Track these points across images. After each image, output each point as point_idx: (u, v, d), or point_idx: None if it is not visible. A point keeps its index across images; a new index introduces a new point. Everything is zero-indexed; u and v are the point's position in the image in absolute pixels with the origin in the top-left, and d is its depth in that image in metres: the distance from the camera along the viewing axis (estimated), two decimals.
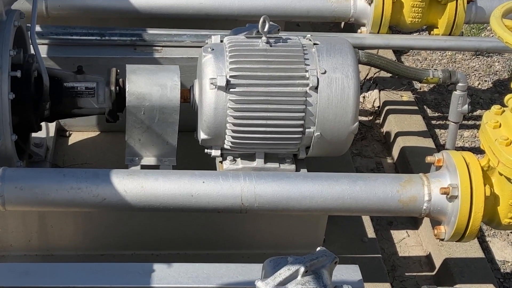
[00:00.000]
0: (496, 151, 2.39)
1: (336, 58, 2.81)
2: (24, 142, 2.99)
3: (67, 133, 3.58)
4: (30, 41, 2.93)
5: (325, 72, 2.77)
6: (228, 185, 2.59)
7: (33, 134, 3.15)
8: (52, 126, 3.40)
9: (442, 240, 2.65)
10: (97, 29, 3.47)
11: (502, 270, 3.27)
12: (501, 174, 2.45)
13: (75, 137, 3.56)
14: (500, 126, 2.42)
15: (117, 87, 2.97)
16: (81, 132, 3.58)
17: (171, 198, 2.58)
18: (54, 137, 3.41)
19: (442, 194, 2.56)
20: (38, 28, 3.32)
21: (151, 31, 3.49)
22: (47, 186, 2.54)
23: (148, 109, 2.91)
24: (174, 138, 2.97)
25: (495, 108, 2.46)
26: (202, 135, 2.85)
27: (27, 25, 2.99)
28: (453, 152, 2.62)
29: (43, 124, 3.11)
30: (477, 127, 3.96)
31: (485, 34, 4.47)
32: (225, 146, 2.88)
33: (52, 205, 2.56)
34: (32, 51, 2.94)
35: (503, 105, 2.46)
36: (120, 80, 3.00)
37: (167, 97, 2.91)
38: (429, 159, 2.66)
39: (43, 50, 3.30)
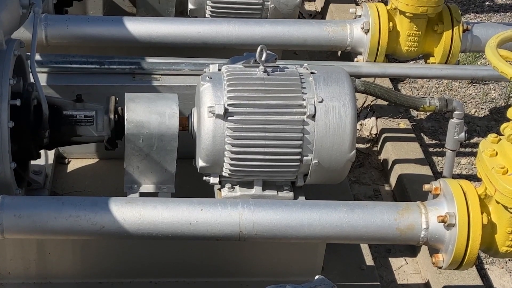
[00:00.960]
0: (493, 179, 2.40)
1: (333, 87, 2.84)
2: (23, 170, 3.00)
3: (66, 160, 3.59)
4: (30, 70, 2.96)
5: (322, 101, 2.80)
6: (226, 213, 2.60)
7: (32, 162, 3.16)
8: (51, 153, 3.41)
9: (440, 268, 2.65)
10: (96, 58, 3.50)
11: None
12: (498, 203, 2.46)
13: (74, 164, 3.57)
14: (496, 154, 2.44)
15: (116, 115, 2.99)
16: (80, 159, 3.60)
17: (170, 226, 2.58)
18: (53, 164, 3.42)
19: (439, 222, 2.57)
20: (37, 57, 3.35)
21: (149, 59, 3.52)
22: (45, 214, 2.55)
23: (147, 137, 2.92)
24: (172, 165, 2.99)
25: (492, 136, 2.48)
26: (200, 163, 2.86)
27: (27, 54, 3.02)
28: (450, 180, 2.64)
29: (42, 151, 3.12)
30: (474, 154, 3.98)
31: (481, 62, 4.51)
32: (223, 174, 2.89)
33: (51, 233, 2.56)
34: (32, 80, 2.96)
35: (499, 133, 2.48)
36: (119, 108, 3.02)
37: (166, 125, 2.93)
38: (426, 187, 2.68)
39: (42, 79, 3.33)
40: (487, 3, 5.22)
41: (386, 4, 3.71)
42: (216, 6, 3.92)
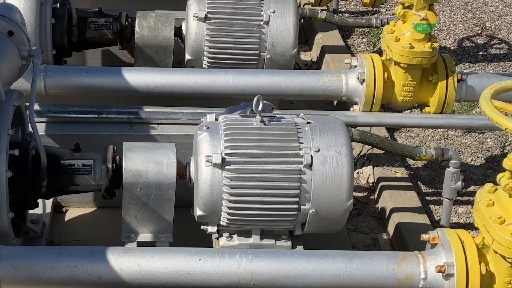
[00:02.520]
0: (490, 229, 2.41)
1: (329, 136, 2.86)
2: (21, 219, 3.00)
3: (64, 209, 3.59)
4: (29, 120, 2.98)
5: (319, 150, 2.82)
6: (224, 262, 2.60)
7: (30, 211, 3.16)
8: (49, 202, 3.40)
9: None
10: (94, 107, 3.53)
11: None
12: (496, 252, 2.46)
13: (71, 213, 3.57)
14: (493, 204, 2.45)
15: (114, 164, 3.00)
16: (78, 208, 3.60)
17: (168, 277, 2.57)
18: (51, 214, 3.42)
19: (438, 272, 2.56)
20: (36, 107, 3.38)
21: (147, 109, 3.55)
22: (43, 264, 2.54)
23: (145, 186, 2.93)
24: (170, 214, 2.99)
25: (488, 186, 2.49)
26: (198, 212, 2.87)
27: (26, 103, 3.04)
28: (447, 230, 2.64)
29: (40, 200, 3.12)
30: (471, 203, 3.99)
31: (476, 111, 4.55)
32: (221, 223, 2.89)
33: (48, 283, 2.55)
34: (31, 130, 2.98)
35: (495, 183, 2.50)
36: (117, 157, 3.03)
37: (163, 174, 2.94)
38: (424, 237, 2.68)
39: (41, 128, 3.35)
40: (481, 53, 5.29)
41: (380, 54, 3.77)
42: (213, 57, 3.97)
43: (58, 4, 3.91)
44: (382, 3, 5.00)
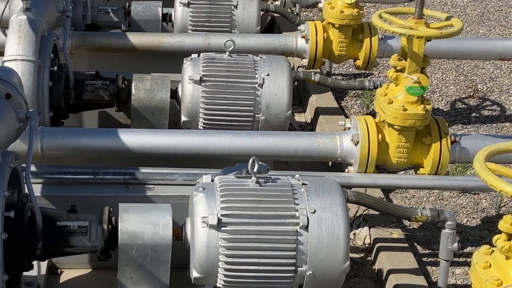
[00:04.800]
0: None
1: (325, 198, 2.87)
2: (16, 281, 2.97)
3: (59, 270, 3.56)
4: (25, 181, 2.98)
5: (314, 212, 2.82)
6: None
7: (25, 273, 3.13)
8: (44, 264, 3.37)
9: None
10: (90, 168, 3.54)
11: None
12: None
13: (67, 275, 3.53)
14: (490, 266, 2.44)
15: (110, 226, 3.00)
16: (73, 269, 3.56)
17: None
18: (46, 275, 3.39)
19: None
20: (33, 168, 3.38)
21: (143, 169, 3.56)
22: None
23: (141, 247, 2.93)
24: (166, 276, 2.97)
25: (484, 248, 2.49)
26: (194, 273, 2.85)
27: (23, 165, 3.05)
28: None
29: (34, 262, 3.10)
30: (468, 264, 3.97)
31: (470, 172, 4.57)
32: (218, 285, 2.87)
33: None
34: (27, 191, 2.98)
35: (492, 244, 2.49)
36: (113, 218, 3.04)
37: (159, 235, 2.94)
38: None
39: (37, 189, 3.35)
40: (474, 114, 5.36)
41: (374, 116, 3.81)
42: (209, 118, 4.01)
43: (55, 67, 3.96)
44: (375, 66, 5.07)
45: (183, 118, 4.03)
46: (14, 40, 3.73)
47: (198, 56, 4.14)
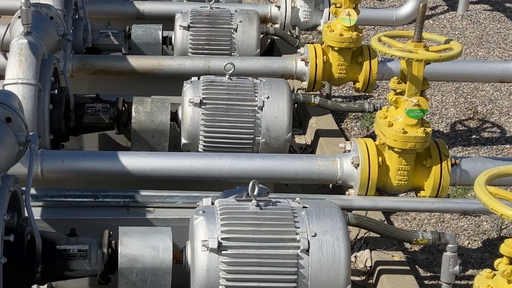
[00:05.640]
0: None
1: (326, 221, 2.87)
2: None
3: None
4: (25, 205, 2.98)
5: (315, 235, 2.82)
6: None
7: None
8: None
9: None
10: (90, 191, 3.54)
11: None
12: None
13: None
14: None
15: (110, 249, 2.99)
16: None
17: None
18: None
19: None
20: (33, 191, 3.38)
21: (143, 192, 3.56)
22: None
23: (140, 271, 2.91)
24: None
25: (486, 272, 2.48)
26: None
27: (22, 188, 3.05)
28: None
29: (34, 285, 3.08)
30: (469, 287, 3.95)
31: (471, 194, 4.56)
32: None
33: None
34: (26, 214, 2.97)
35: (493, 268, 2.48)
36: (113, 242, 3.03)
37: (159, 259, 2.93)
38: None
39: (37, 212, 3.35)
40: (474, 136, 5.36)
41: (374, 138, 3.81)
42: (209, 141, 4.01)
43: (56, 90, 3.97)
44: (374, 88, 5.09)
45: (183, 141, 4.04)
46: (14, 64, 3.75)
47: (198, 79, 4.15)
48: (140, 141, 4.11)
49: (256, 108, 4.02)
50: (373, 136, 4.00)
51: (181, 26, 5.05)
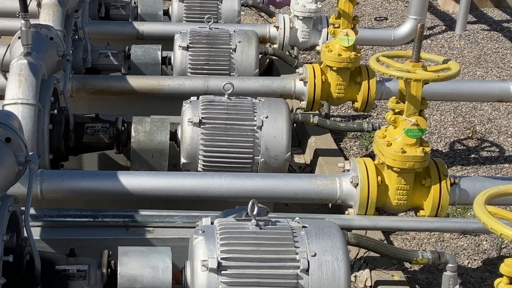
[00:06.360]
0: None
1: (325, 241, 2.86)
2: None
3: None
4: (24, 225, 2.98)
5: (315, 255, 2.81)
6: None
7: None
8: None
9: None
10: (90, 211, 3.54)
11: None
12: None
13: None
14: None
15: (109, 269, 2.98)
16: None
17: None
18: None
19: None
20: (32, 211, 3.38)
21: (143, 212, 3.56)
22: None
23: None
24: None
25: None
26: None
27: (22, 208, 3.05)
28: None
29: None
30: None
31: (471, 214, 4.56)
32: None
33: None
34: (25, 234, 2.97)
35: (493, 287, 2.48)
36: (112, 262, 3.02)
37: (159, 279, 2.93)
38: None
39: (36, 232, 3.34)
40: (473, 156, 5.37)
41: (373, 157, 3.82)
42: (208, 160, 4.02)
43: (55, 110, 3.98)
44: (373, 108, 5.11)
45: (183, 160, 4.04)
46: (14, 84, 3.76)
47: (197, 98, 4.17)
48: (140, 160, 4.12)
49: (255, 127, 4.03)
50: (372, 156, 4.01)
51: (180, 47, 5.07)
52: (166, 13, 6.35)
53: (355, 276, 4.07)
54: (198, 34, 5.16)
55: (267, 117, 4.06)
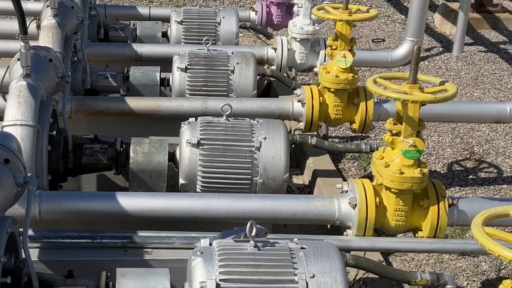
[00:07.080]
0: None
1: (324, 262, 2.86)
2: None
3: None
4: (22, 246, 2.97)
5: (313, 276, 2.80)
6: None
7: None
8: None
9: None
10: (88, 232, 3.54)
11: None
12: None
13: None
14: None
15: None
16: None
17: None
18: None
19: None
20: (30, 232, 3.38)
21: (141, 233, 3.56)
22: None
23: None
24: None
25: None
26: None
27: (20, 229, 3.05)
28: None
29: None
30: None
31: (469, 235, 4.56)
32: None
33: None
34: (24, 255, 2.96)
35: None
36: (110, 283, 3.00)
37: None
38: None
39: (34, 254, 3.34)
40: (471, 176, 5.38)
41: (371, 178, 3.82)
42: (207, 181, 4.02)
43: (54, 132, 3.99)
44: (371, 129, 5.12)
45: (181, 181, 4.05)
46: (13, 105, 3.77)
47: (196, 120, 4.18)
48: (138, 181, 4.12)
49: (253, 148, 4.05)
50: (370, 177, 4.01)
51: (179, 68, 5.10)
52: (164, 35, 6.38)
53: None
54: (197, 56, 5.19)
55: (265, 138, 4.07)
